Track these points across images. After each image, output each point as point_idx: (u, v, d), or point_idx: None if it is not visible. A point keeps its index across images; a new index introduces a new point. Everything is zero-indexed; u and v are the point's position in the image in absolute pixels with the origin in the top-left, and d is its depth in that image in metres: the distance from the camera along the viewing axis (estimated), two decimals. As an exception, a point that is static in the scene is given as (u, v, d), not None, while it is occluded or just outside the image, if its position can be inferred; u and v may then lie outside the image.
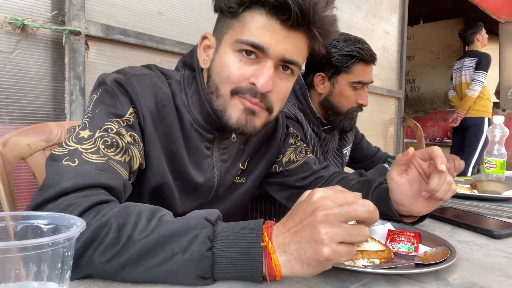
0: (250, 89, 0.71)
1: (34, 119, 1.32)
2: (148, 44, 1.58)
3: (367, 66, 1.30)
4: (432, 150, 0.72)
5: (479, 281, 0.57)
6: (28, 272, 0.37)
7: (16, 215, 0.43)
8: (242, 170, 0.90)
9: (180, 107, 0.77)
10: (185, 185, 0.80)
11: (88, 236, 0.50)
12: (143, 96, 0.71)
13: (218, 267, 0.50)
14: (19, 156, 0.89)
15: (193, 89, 0.78)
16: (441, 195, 0.71)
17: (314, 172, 0.98)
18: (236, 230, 0.52)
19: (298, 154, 0.98)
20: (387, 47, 3.37)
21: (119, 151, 0.64)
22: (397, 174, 0.77)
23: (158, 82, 0.75)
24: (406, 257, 0.66)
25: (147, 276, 0.50)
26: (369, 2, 3.09)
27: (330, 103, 1.34)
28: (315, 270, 0.49)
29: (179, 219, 0.53)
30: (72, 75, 1.37)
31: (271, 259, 0.49)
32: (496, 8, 5.03)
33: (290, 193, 0.99)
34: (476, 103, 3.75)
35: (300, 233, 0.49)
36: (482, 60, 3.72)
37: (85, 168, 0.58)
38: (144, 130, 0.71)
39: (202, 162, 0.81)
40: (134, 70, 0.75)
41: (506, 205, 1.17)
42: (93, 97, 0.70)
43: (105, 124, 0.65)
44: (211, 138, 0.81)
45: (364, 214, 0.49)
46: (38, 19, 1.29)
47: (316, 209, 0.49)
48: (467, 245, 0.76)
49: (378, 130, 3.38)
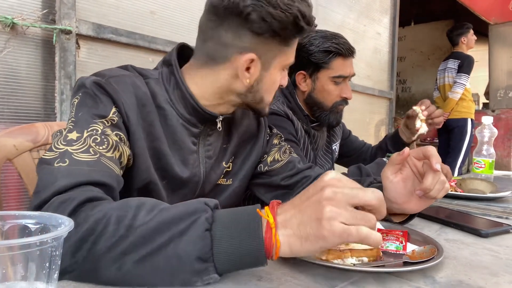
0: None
1: (24, 119, 1.31)
2: (140, 43, 1.58)
3: (345, 60, 1.32)
4: (427, 150, 0.73)
5: (466, 279, 0.58)
6: (15, 271, 0.37)
7: (3, 215, 0.42)
8: (228, 171, 0.91)
9: (163, 104, 0.78)
10: (171, 182, 0.81)
11: (86, 229, 0.49)
12: (124, 96, 0.72)
13: (217, 247, 0.49)
14: (5, 157, 0.88)
15: (173, 85, 0.80)
16: (434, 193, 0.72)
17: (300, 171, 0.99)
18: (234, 211, 0.52)
19: (282, 154, 1.00)
20: (378, 48, 3.39)
21: (110, 147, 0.64)
22: (391, 173, 0.78)
23: (137, 82, 0.76)
24: (394, 255, 0.67)
25: (148, 266, 0.48)
26: (360, 3, 3.11)
27: (313, 99, 1.36)
28: (312, 247, 0.49)
29: (178, 205, 0.52)
30: (62, 74, 1.36)
31: (272, 234, 0.49)
32: (486, 9, 5.09)
33: (276, 193, 0.99)
34: (459, 105, 3.79)
35: (304, 210, 0.49)
36: (464, 63, 3.75)
37: (77, 167, 0.58)
38: (129, 128, 0.72)
39: (188, 157, 0.82)
40: (111, 71, 0.75)
41: (495, 205, 1.18)
42: (74, 102, 0.70)
43: (90, 126, 0.65)
44: (197, 132, 0.82)
45: (373, 201, 0.49)
46: (28, 17, 1.28)
47: (325, 186, 0.49)
48: (454, 244, 0.77)
49: (369, 131, 3.40)
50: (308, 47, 1.31)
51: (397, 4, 3.54)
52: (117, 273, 0.48)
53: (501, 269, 0.63)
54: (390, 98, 3.59)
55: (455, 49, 3.94)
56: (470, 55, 3.85)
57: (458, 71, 3.77)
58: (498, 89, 5.21)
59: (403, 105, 6.54)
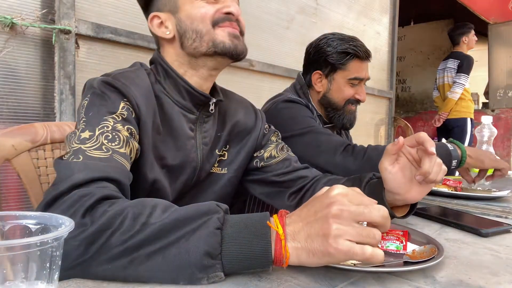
0: (224, 17, 0.80)
1: (24, 119, 1.31)
2: (139, 43, 1.58)
3: (362, 63, 1.34)
4: (419, 136, 0.73)
5: (466, 278, 0.58)
6: (16, 272, 0.37)
7: (4, 216, 0.42)
8: (222, 159, 0.93)
9: (159, 94, 0.82)
10: (170, 169, 0.83)
11: (103, 223, 0.51)
12: (132, 88, 0.75)
13: (226, 246, 0.50)
14: (4, 158, 0.88)
15: (163, 75, 0.84)
16: (434, 176, 0.73)
17: (295, 169, 0.98)
18: (245, 217, 0.53)
19: (279, 151, 1.00)
20: (378, 48, 3.39)
21: (122, 143, 0.67)
22: (389, 164, 0.78)
23: (141, 74, 0.81)
24: (394, 255, 0.66)
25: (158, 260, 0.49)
26: (360, 3, 3.11)
27: (328, 100, 1.38)
28: (319, 261, 0.50)
29: (191, 206, 0.54)
30: (62, 74, 1.36)
31: (281, 245, 0.50)
32: (485, 9, 5.10)
33: (270, 190, 0.99)
34: (458, 104, 3.79)
35: (312, 224, 0.51)
36: (464, 63, 3.74)
37: (92, 162, 0.61)
38: (140, 119, 0.75)
39: (186, 142, 0.84)
40: (118, 70, 0.80)
41: (494, 204, 1.18)
42: (84, 103, 0.72)
43: (101, 123, 0.68)
44: (194, 119, 0.85)
45: (378, 218, 0.51)
46: (27, 17, 1.28)
47: (332, 203, 0.50)
48: (454, 243, 0.77)
49: (369, 130, 3.41)
50: (325, 48, 1.33)
51: (396, 4, 3.54)
52: (128, 266, 0.50)
53: (501, 269, 0.63)
54: (389, 97, 3.59)
55: (455, 49, 3.93)
56: (469, 55, 3.84)
57: (458, 71, 3.77)
58: (497, 89, 5.21)
59: (403, 105, 6.55)
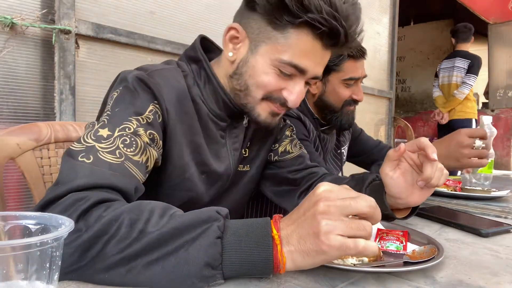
0: (279, 99, 0.77)
1: (24, 118, 1.30)
2: (139, 43, 1.57)
3: (356, 62, 1.30)
4: (420, 141, 0.73)
5: (466, 278, 0.58)
6: (16, 272, 0.37)
7: (4, 216, 0.42)
8: (244, 157, 0.92)
9: (196, 98, 0.79)
10: (210, 176, 0.82)
11: (98, 229, 0.49)
12: (166, 90, 0.72)
13: (227, 255, 0.49)
14: (8, 156, 0.88)
15: (204, 80, 0.80)
16: (435, 181, 0.73)
17: (308, 166, 0.98)
18: (246, 224, 0.52)
19: (293, 147, 1.00)
20: (378, 48, 3.39)
21: (138, 151, 0.64)
22: (390, 170, 0.78)
23: (177, 75, 0.77)
24: (394, 255, 0.67)
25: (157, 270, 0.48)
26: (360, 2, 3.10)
27: (324, 102, 1.35)
28: (314, 261, 0.49)
29: (191, 213, 0.53)
30: (62, 74, 1.36)
31: (277, 251, 0.49)
32: (485, 9, 5.10)
33: (281, 189, 0.98)
34: (463, 105, 3.74)
35: (302, 225, 0.50)
36: (475, 64, 3.67)
37: (99, 168, 0.58)
38: (167, 124, 0.72)
39: (220, 150, 0.83)
40: (154, 65, 0.77)
41: (494, 204, 1.18)
42: (113, 95, 0.70)
43: (124, 123, 0.65)
44: (224, 126, 0.83)
45: (365, 209, 0.50)
46: (27, 17, 1.28)
47: (318, 200, 0.50)
48: (454, 244, 0.77)
49: (369, 130, 3.40)
50: None
51: (396, 4, 3.54)
52: (125, 275, 0.48)
53: (501, 269, 0.63)
54: (389, 97, 3.59)
55: (460, 48, 3.82)
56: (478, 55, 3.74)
57: (468, 72, 3.67)
58: (497, 89, 5.22)
59: (403, 105, 6.55)
